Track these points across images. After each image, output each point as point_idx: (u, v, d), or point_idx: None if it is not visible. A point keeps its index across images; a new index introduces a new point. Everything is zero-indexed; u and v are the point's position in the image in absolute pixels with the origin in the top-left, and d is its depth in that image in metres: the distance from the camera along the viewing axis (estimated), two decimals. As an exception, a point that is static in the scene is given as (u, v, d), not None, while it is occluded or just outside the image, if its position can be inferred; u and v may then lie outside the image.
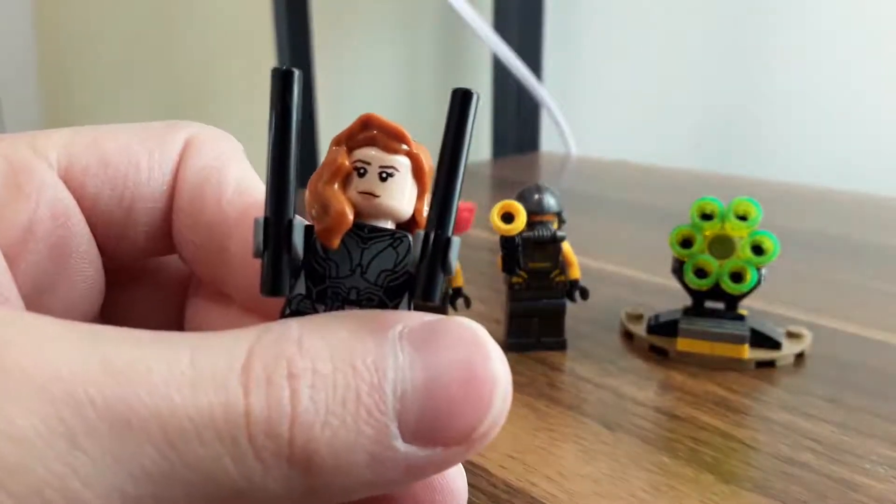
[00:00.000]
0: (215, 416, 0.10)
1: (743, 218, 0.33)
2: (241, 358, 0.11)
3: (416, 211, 0.14)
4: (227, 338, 0.11)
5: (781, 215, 0.57)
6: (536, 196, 0.34)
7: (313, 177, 0.14)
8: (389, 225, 0.14)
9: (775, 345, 0.33)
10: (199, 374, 0.11)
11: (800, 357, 0.34)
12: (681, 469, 0.26)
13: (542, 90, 0.84)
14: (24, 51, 1.33)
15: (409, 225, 0.14)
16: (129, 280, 0.18)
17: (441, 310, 0.12)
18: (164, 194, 0.17)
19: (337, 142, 0.14)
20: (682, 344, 0.33)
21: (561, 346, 0.35)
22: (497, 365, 0.12)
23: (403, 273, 0.13)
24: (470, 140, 0.13)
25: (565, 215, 0.35)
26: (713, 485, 0.25)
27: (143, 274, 0.19)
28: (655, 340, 0.34)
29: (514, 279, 0.34)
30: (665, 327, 0.35)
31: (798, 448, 0.27)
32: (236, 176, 0.17)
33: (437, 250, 0.12)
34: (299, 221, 0.13)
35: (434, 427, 0.12)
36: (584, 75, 0.93)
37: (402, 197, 0.13)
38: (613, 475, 0.25)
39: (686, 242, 0.34)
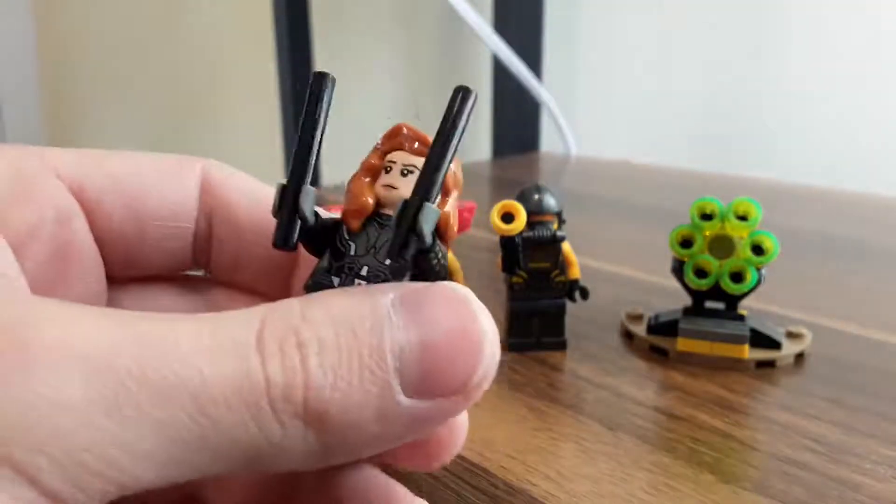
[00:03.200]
0: (240, 385, 0.11)
1: (743, 218, 0.33)
2: (254, 331, 0.12)
3: None
4: (240, 315, 0.12)
5: (781, 215, 0.57)
6: (536, 196, 0.34)
7: (351, 176, 0.16)
8: None
9: (775, 345, 0.33)
10: (220, 346, 0.12)
11: (800, 357, 0.34)
12: (681, 469, 0.26)
13: (542, 90, 0.83)
14: (25, 52, 1.33)
15: None
16: (149, 287, 0.19)
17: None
18: (184, 213, 0.18)
19: (374, 148, 0.16)
20: (682, 344, 0.33)
21: (561, 346, 0.35)
22: (484, 319, 0.13)
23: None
24: (463, 129, 0.14)
25: (565, 215, 0.35)
26: (713, 485, 0.25)
27: (163, 282, 0.19)
28: (655, 340, 0.34)
29: (514, 279, 0.34)
30: (665, 327, 0.35)
31: (798, 448, 0.27)
32: (256, 188, 0.19)
33: (409, 212, 0.14)
34: (311, 189, 0.15)
35: (432, 380, 0.13)
36: (584, 75, 0.93)
37: None
38: (613, 475, 0.25)
39: (686, 242, 0.34)
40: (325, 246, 0.16)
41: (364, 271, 0.15)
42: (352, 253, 0.15)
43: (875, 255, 0.49)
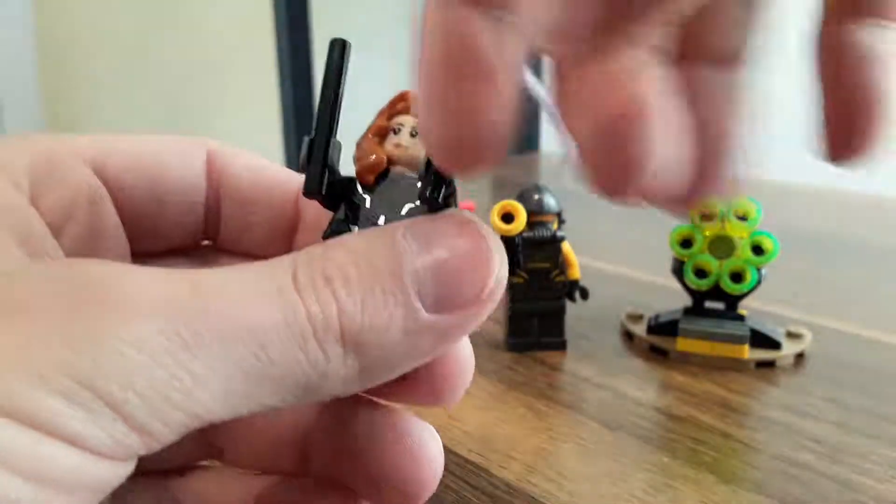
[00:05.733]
0: (289, 322, 0.13)
1: (743, 218, 0.33)
2: (289, 274, 0.14)
3: None
4: (273, 262, 0.14)
5: (781, 215, 0.57)
6: (536, 196, 0.34)
7: (360, 137, 0.17)
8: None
9: (775, 345, 0.33)
10: (266, 290, 0.13)
11: (800, 357, 0.34)
12: (681, 469, 0.26)
13: (542, 90, 0.83)
14: (25, 51, 1.33)
15: None
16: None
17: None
18: (196, 188, 0.19)
19: (380, 113, 0.17)
20: (682, 344, 0.33)
21: (561, 346, 0.35)
22: (489, 237, 0.15)
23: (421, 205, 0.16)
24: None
25: (565, 215, 0.35)
26: (713, 485, 0.25)
27: (177, 254, 0.21)
28: (655, 340, 0.34)
29: (514, 279, 0.34)
30: (665, 327, 0.35)
31: (798, 448, 0.27)
32: (256, 162, 0.20)
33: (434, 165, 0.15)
34: (338, 142, 0.16)
35: (448, 295, 0.14)
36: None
37: None
38: (613, 475, 0.25)
39: (686, 242, 0.34)
40: (340, 201, 0.17)
41: (381, 220, 0.16)
42: (367, 205, 0.17)
43: (875, 255, 0.49)
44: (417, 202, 0.16)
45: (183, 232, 0.20)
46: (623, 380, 0.32)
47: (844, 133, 0.15)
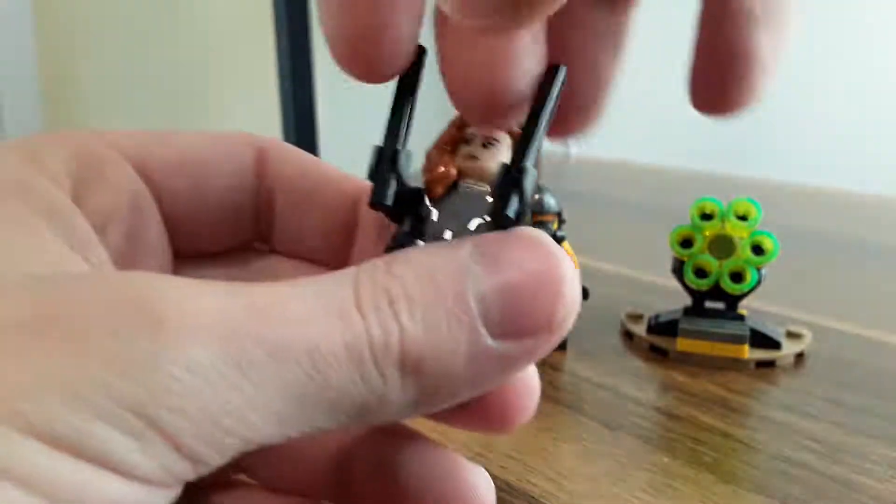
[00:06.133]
0: (347, 343, 0.12)
1: (743, 218, 0.33)
2: (351, 291, 0.13)
3: None
4: (334, 278, 0.13)
5: (781, 215, 0.57)
6: (536, 196, 0.34)
7: (429, 147, 0.16)
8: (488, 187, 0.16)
9: (775, 345, 0.33)
10: (325, 308, 0.13)
11: (800, 357, 0.34)
12: (681, 469, 0.26)
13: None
14: (24, 51, 1.33)
15: None
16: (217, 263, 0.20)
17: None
18: (244, 189, 0.19)
19: (451, 123, 0.17)
20: (682, 344, 0.33)
21: (561, 346, 0.35)
22: (560, 257, 0.14)
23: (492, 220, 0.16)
24: (555, 102, 0.15)
25: (565, 215, 0.35)
26: (713, 485, 0.25)
27: (225, 255, 0.20)
28: (655, 340, 0.34)
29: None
30: (665, 327, 0.35)
31: (798, 448, 0.27)
32: (311, 161, 0.19)
33: (514, 174, 0.15)
34: (409, 151, 0.16)
35: (516, 320, 0.13)
36: (584, 75, 0.93)
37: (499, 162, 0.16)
38: (613, 475, 0.25)
39: (686, 242, 0.34)
40: (406, 212, 0.16)
41: (447, 235, 0.16)
42: (434, 219, 0.16)
43: (875, 255, 0.49)
44: (487, 217, 0.15)
45: (231, 233, 0.19)
46: (623, 380, 0.32)
47: (715, 86, 0.16)
